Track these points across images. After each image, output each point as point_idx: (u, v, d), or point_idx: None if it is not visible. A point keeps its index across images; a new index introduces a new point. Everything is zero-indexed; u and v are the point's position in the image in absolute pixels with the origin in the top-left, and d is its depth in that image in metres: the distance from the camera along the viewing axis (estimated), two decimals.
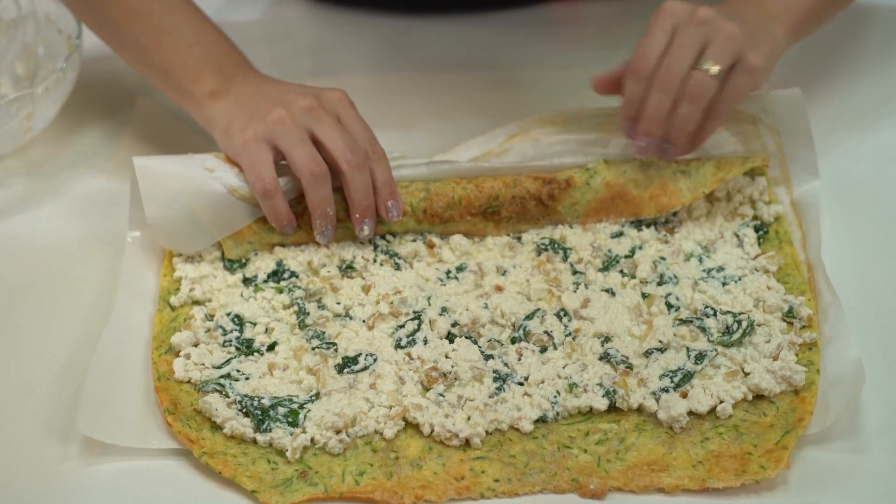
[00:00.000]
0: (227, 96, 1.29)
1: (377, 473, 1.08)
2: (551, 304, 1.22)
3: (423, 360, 1.16)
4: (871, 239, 1.31)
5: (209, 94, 1.30)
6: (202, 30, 1.33)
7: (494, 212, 1.28)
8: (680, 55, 1.23)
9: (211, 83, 1.30)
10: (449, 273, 1.26)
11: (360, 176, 1.24)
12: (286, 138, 1.23)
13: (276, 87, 1.30)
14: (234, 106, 1.28)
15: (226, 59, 1.33)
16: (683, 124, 1.24)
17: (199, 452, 1.09)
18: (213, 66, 1.31)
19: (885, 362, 1.17)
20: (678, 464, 1.08)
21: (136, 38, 1.32)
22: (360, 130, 1.26)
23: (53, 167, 1.43)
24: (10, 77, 1.47)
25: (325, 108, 1.26)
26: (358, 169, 1.24)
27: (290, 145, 1.23)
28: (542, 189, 1.28)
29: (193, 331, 1.20)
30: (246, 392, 1.14)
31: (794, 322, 1.18)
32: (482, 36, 1.61)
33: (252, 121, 1.25)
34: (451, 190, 1.28)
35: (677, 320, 1.19)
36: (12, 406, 1.16)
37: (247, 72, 1.33)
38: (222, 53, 1.33)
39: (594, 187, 1.28)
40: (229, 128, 1.26)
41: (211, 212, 1.25)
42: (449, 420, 1.11)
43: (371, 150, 1.25)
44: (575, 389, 1.14)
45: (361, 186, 1.24)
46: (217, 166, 1.26)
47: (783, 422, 1.10)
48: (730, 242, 1.27)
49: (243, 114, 1.26)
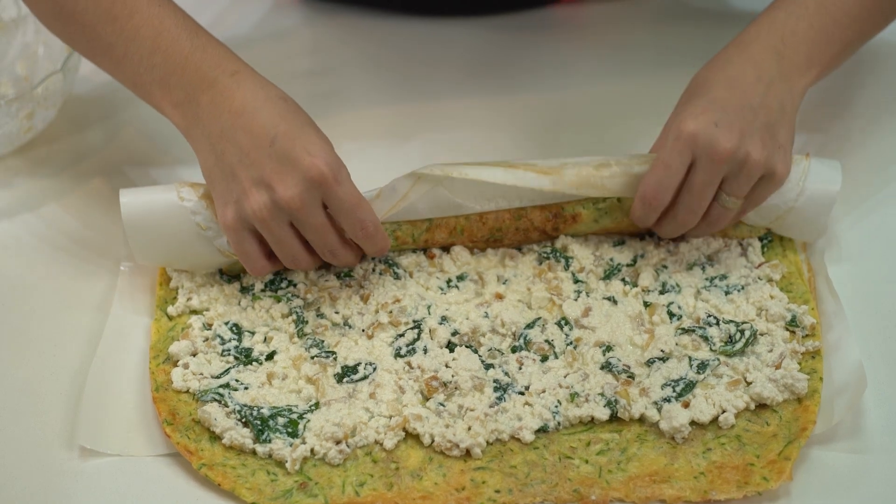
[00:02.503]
0: (196, 125, 1.20)
1: (377, 484, 1.08)
2: (552, 312, 1.21)
3: (423, 370, 1.16)
4: (870, 238, 1.30)
5: (176, 103, 1.21)
6: (163, 35, 1.21)
7: (496, 241, 1.27)
8: (700, 199, 1.20)
9: (177, 95, 1.21)
10: (449, 282, 1.25)
11: (344, 254, 1.21)
12: (268, 234, 1.18)
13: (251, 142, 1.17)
14: (209, 149, 1.19)
15: (187, 70, 1.21)
16: (685, 224, 1.23)
17: (199, 464, 1.09)
18: (178, 80, 1.20)
19: (886, 362, 1.17)
20: (680, 475, 1.07)
21: (106, 50, 1.23)
22: (346, 214, 1.18)
23: (53, 167, 1.42)
24: (10, 77, 1.47)
25: (308, 198, 1.16)
26: (339, 255, 1.21)
27: (273, 242, 1.19)
28: (547, 222, 1.26)
29: (191, 340, 1.19)
30: (245, 402, 1.13)
31: (796, 331, 1.18)
32: (482, 39, 1.61)
33: (231, 194, 1.17)
34: (454, 221, 1.26)
35: (679, 329, 1.19)
36: (13, 406, 1.16)
37: (209, 94, 1.20)
38: (182, 62, 1.21)
39: (601, 224, 1.27)
40: (210, 182, 1.19)
41: (195, 254, 1.23)
42: (449, 430, 1.10)
43: (361, 233, 1.19)
44: (576, 399, 1.13)
45: (348, 263, 1.23)
46: (186, 194, 1.22)
47: (786, 431, 1.10)
48: (734, 251, 1.26)
49: (221, 175, 1.18)
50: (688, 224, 1.22)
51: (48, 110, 1.41)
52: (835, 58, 1.27)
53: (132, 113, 1.48)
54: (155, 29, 1.20)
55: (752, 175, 1.19)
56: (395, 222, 1.24)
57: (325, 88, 1.52)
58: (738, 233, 1.27)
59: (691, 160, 1.19)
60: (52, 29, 1.27)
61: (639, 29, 1.62)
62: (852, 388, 1.11)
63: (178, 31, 1.21)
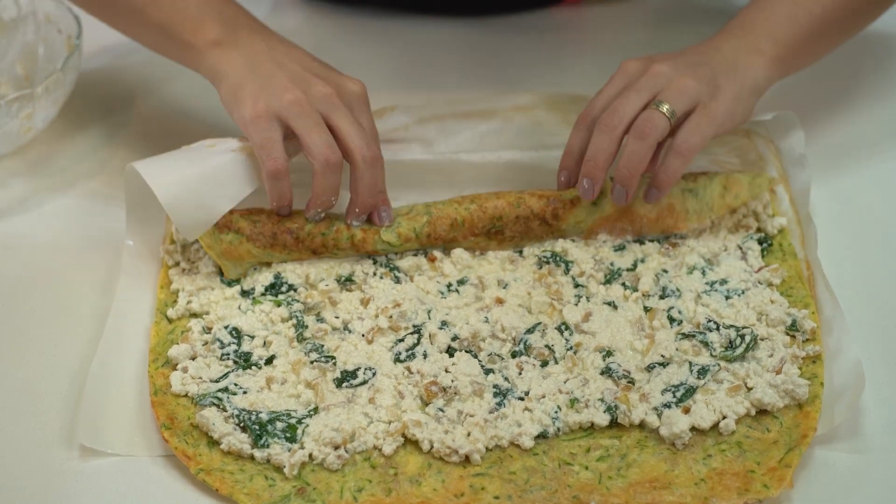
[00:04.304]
0: (234, 48, 1.25)
1: (376, 490, 1.07)
2: (552, 317, 1.21)
3: (422, 375, 1.15)
4: (870, 238, 1.31)
5: (212, 42, 1.25)
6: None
7: (497, 231, 1.27)
8: (626, 100, 1.22)
9: (214, 31, 1.25)
10: (450, 286, 1.25)
11: (371, 173, 1.22)
12: (302, 120, 1.20)
13: (290, 57, 1.25)
14: (244, 63, 1.24)
15: (227, 6, 1.28)
16: (630, 162, 1.21)
17: (196, 469, 1.08)
18: (216, 15, 1.26)
19: (885, 362, 1.17)
20: (680, 481, 1.07)
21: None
22: (370, 129, 1.25)
23: (53, 167, 1.42)
24: (10, 77, 1.47)
25: (343, 100, 1.24)
26: (371, 165, 1.22)
27: (305, 128, 1.20)
28: (546, 208, 1.26)
29: (191, 343, 1.19)
30: (244, 406, 1.13)
31: (797, 335, 1.18)
32: (483, 40, 1.61)
33: (264, 92, 1.21)
34: (454, 211, 1.27)
35: (680, 334, 1.18)
36: (13, 406, 1.15)
37: (252, 24, 1.28)
38: (223, 2, 1.28)
39: (600, 207, 1.27)
40: (239, 91, 1.22)
41: (221, 177, 1.23)
42: (449, 436, 1.10)
43: (369, 154, 1.23)
44: (576, 405, 1.13)
45: (370, 184, 1.22)
46: (216, 142, 1.25)
47: (786, 438, 1.09)
48: (733, 255, 1.26)
49: (254, 79, 1.22)
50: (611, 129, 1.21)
51: (48, 110, 1.41)
52: (799, 43, 1.29)
53: (132, 113, 1.49)
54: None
55: (684, 93, 1.21)
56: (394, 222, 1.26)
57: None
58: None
59: (625, 84, 1.24)
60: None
61: (639, 30, 1.62)
62: (851, 389, 1.11)
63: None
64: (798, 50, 1.30)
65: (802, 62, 1.33)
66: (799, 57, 1.31)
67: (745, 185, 1.29)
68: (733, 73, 1.25)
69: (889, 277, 1.27)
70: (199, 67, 1.28)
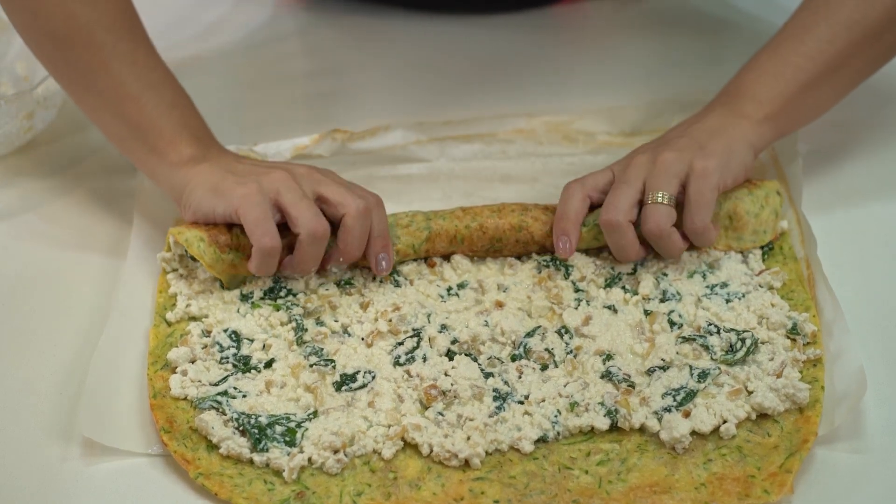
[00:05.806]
0: (205, 161, 1.25)
1: (375, 494, 1.07)
2: (552, 321, 1.21)
3: (422, 378, 1.15)
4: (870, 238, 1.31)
5: (187, 159, 1.25)
6: (181, 94, 1.29)
7: (496, 251, 1.27)
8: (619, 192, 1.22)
9: (190, 149, 1.26)
10: (450, 290, 1.25)
11: (360, 224, 1.21)
12: (289, 194, 1.20)
13: (257, 161, 1.27)
14: (218, 169, 1.24)
15: (202, 128, 1.29)
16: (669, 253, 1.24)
17: (195, 473, 1.08)
18: (192, 133, 1.27)
19: (886, 363, 1.16)
20: (681, 486, 1.07)
21: (113, 86, 1.26)
22: (358, 186, 1.24)
23: (53, 167, 1.42)
24: (10, 77, 1.47)
25: (322, 173, 1.24)
26: (360, 217, 1.21)
27: (292, 202, 1.19)
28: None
29: (190, 347, 1.18)
30: (243, 410, 1.13)
31: (797, 339, 1.17)
32: (483, 39, 1.62)
33: (249, 177, 1.21)
34: (454, 228, 1.26)
35: (680, 338, 1.18)
36: (13, 406, 1.15)
37: (219, 146, 1.29)
38: (199, 122, 1.29)
39: (601, 241, 1.26)
40: (220, 185, 1.22)
41: None
42: (448, 440, 1.10)
43: (373, 198, 1.23)
44: (576, 408, 1.12)
45: (358, 236, 1.21)
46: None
47: (787, 443, 1.09)
48: (734, 258, 1.26)
49: (234, 175, 1.22)
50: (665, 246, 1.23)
51: (48, 110, 1.41)
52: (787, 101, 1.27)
53: None
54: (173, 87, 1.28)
55: (666, 170, 1.21)
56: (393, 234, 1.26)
57: (326, 89, 1.53)
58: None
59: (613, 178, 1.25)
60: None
61: (638, 29, 1.62)
62: (852, 392, 1.11)
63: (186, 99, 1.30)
64: (787, 106, 1.28)
65: (799, 117, 1.31)
66: (791, 113, 1.29)
67: (775, 198, 1.29)
68: (719, 135, 1.25)
69: (889, 277, 1.27)
70: (164, 179, 1.27)
